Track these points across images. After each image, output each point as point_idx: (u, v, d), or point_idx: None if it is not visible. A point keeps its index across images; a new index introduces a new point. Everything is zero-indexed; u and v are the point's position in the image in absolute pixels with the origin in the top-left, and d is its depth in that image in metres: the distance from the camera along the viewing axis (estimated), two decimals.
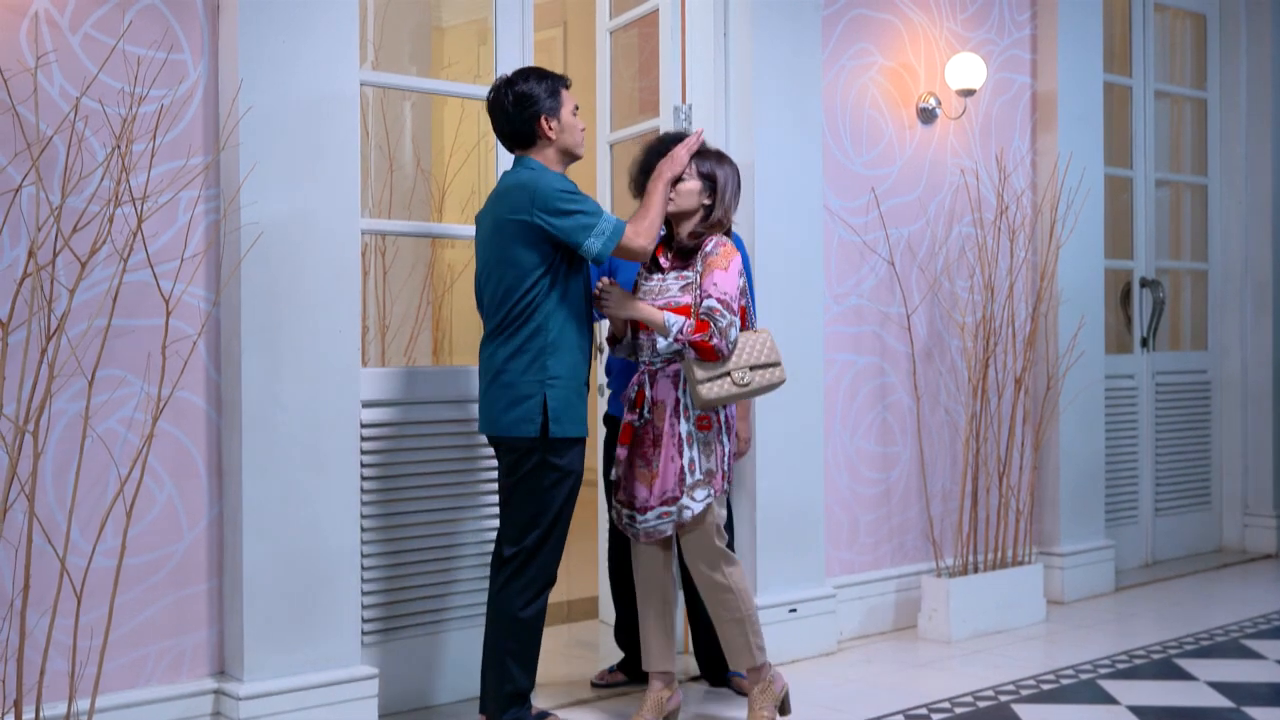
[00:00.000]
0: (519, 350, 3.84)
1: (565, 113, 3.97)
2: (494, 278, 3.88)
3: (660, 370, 4.07)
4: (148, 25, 3.76)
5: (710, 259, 4.02)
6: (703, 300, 3.97)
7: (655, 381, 4.07)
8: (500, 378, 3.87)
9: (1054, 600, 6.09)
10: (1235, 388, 7.55)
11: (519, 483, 3.88)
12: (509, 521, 3.93)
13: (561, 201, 3.80)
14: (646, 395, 4.07)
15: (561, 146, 3.98)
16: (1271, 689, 4.70)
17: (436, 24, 6.74)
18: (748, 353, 4.00)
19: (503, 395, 3.86)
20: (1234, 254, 7.57)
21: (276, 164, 3.86)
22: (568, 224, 3.80)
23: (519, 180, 3.87)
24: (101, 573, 3.59)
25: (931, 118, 5.82)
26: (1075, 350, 6.12)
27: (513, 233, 3.82)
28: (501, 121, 3.96)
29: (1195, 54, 7.60)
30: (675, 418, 4.02)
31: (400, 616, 4.34)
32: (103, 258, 3.60)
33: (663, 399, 4.05)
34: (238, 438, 3.82)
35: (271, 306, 3.86)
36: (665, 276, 4.10)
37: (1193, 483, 7.40)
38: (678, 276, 4.07)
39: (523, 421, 3.83)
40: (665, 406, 4.04)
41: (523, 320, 3.84)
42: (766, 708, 4.13)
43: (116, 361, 3.68)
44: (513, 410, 3.84)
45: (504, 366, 3.85)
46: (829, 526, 5.34)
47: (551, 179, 3.85)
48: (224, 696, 3.83)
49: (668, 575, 4.18)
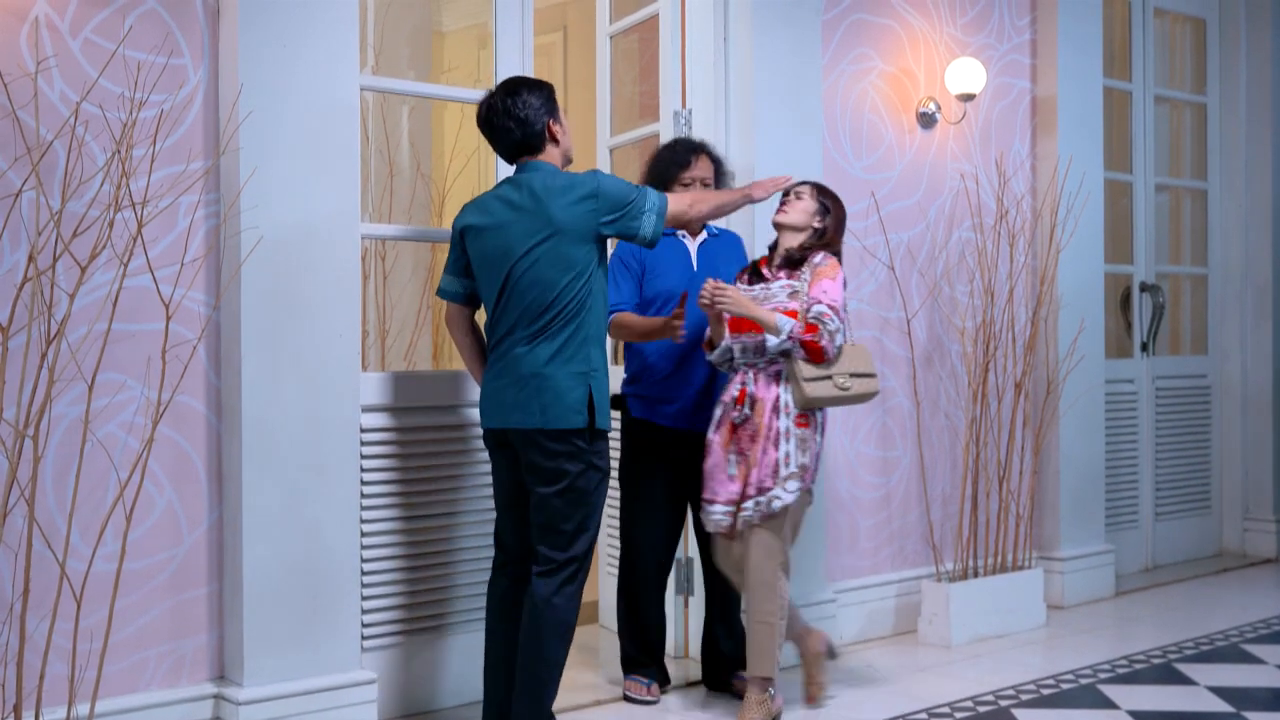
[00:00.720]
0: (565, 345, 3.82)
1: (562, 115, 3.99)
2: (539, 278, 3.80)
3: (762, 370, 4.30)
4: (148, 30, 3.76)
5: (819, 269, 4.32)
6: (811, 305, 4.25)
7: (757, 380, 4.29)
8: (542, 374, 3.80)
9: (1054, 605, 6.09)
10: (1235, 392, 7.55)
11: (566, 490, 3.82)
12: (554, 529, 3.84)
13: (624, 195, 3.88)
14: (749, 393, 4.28)
15: (564, 149, 3.99)
16: (1272, 694, 4.70)
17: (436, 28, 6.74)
18: (849, 360, 4.30)
19: (546, 388, 3.80)
20: (1234, 258, 7.58)
21: (277, 169, 3.86)
22: (628, 219, 3.87)
23: (571, 181, 3.84)
24: (101, 577, 3.59)
25: (931, 122, 5.82)
26: (1075, 355, 6.12)
27: (576, 234, 3.80)
28: (510, 133, 3.90)
29: (1195, 59, 7.60)
30: (775, 414, 4.25)
31: (400, 621, 4.34)
32: (103, 262, 3.60)
33: (764, 396, 4.27)
34: (238, 442, 3.83)
35: (272, 311, 3.86)
36: (770, 285, 4.36)
37: (1193, 487, 7.40)
38: (785, 285, 4.34)
39: (571, 413, 3.79)
40: (766, 403, 4.26)
41: (570, 316, 3.81)
42: (758, 716, 4.23)
43: (116, 366, 3.68)
44: (559, 403, 3.79)
45: (547, 363, 3.81)
46: (829, 531, 5.34)
47: (606, 177, 3.89)
48: (224, 701, 3.83)
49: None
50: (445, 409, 4.44)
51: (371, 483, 4.25)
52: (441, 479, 4.43)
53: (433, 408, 4.41)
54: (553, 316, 3.81)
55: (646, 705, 4.57)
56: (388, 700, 4.28)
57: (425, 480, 4.39)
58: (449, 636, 4.45)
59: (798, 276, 4.34)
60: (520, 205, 3.85)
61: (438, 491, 4.42)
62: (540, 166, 3.92)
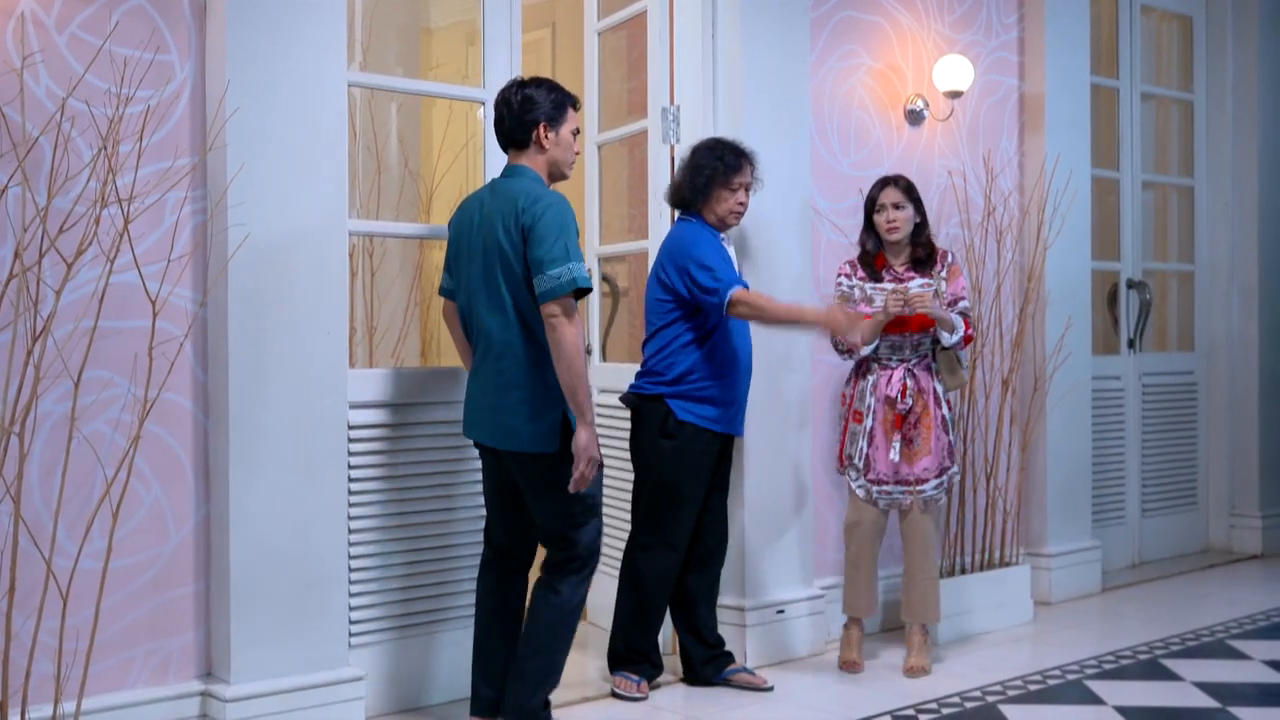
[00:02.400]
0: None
1: (565, 130, 3.98)
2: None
3: (915, 364, 4.87)
4: (134, 26, 3.75)
5: (953, 267, 4.94)
6: (958, 301, 4.89)
7: (914, 374, 4.85)
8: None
9: (1041, 601, 6.10)
10: (1221, 389, 7.57)
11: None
12: (555, 531, 3.93)
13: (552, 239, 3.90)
14: (909, 386, 4.81)
15: (551, 160, 3.98)
16: (1257, 689, 4.72)
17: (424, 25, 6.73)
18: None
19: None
20: (1220, 255, 7.60)
21: (264, 165, 3.85)
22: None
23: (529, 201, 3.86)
24: (87, 575, 3.58)
25: (919, 119, 5.83)
26: (1062, 351, 6.13)
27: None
28: (502, 118, 3.96)
29: (1181, 56, 7.62)
30: (935, 404, 4.86)
31: (388, 618, 4.33)
32: (89, 259, 3.59)
33: (926, 387, 4.86)
34: (225, 439, 3.82)
35: (259, 308, 3.85)
36: (909, 285, 4.83)
37: (1179, 483, 7.43)
38: (924, 285, 4.85)
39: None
40: (928, 394, 4.86)
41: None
42: (926, 659, 4.93)
43: (103, 363, 3.67)
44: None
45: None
46: (817, 527, 5.34)
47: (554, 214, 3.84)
48: (211, 699, 3.82)
49: (882, 540, 5.02)
50: (433, 405, 4.44)
51: (360, 480, 4.24)
52: (430, 475, 4.42)
53: (421, 404, 4.41)
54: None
55: (636, 702, 4.57)
56: (377, 697, 4.28)
57: (414, 477, 4.39)
58: (439, 633, 4.44)
59: (930, 275, 4.88)
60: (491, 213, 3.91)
61: (426, 488, 4.41)
62: (519, 170, 3.95)
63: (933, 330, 4.84)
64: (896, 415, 4.83)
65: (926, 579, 4.94)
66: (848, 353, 4.86)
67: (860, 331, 4.70)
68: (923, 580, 4.94)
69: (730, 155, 4.59)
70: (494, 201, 3.90)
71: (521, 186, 3.87)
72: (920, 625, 4.99)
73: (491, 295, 3.86)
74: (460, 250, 4.01)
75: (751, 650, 4.98)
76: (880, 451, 4.86)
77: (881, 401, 4.84)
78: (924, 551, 4.92)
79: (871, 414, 4.87)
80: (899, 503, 4.88)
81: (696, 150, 4.66)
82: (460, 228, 4.02)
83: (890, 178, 4.95)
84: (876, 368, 4.88)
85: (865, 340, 4.78)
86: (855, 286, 4.89)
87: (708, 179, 4.57)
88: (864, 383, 4.90)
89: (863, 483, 4.90)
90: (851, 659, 4.94)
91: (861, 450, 4.89)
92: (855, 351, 4.83)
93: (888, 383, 4.84)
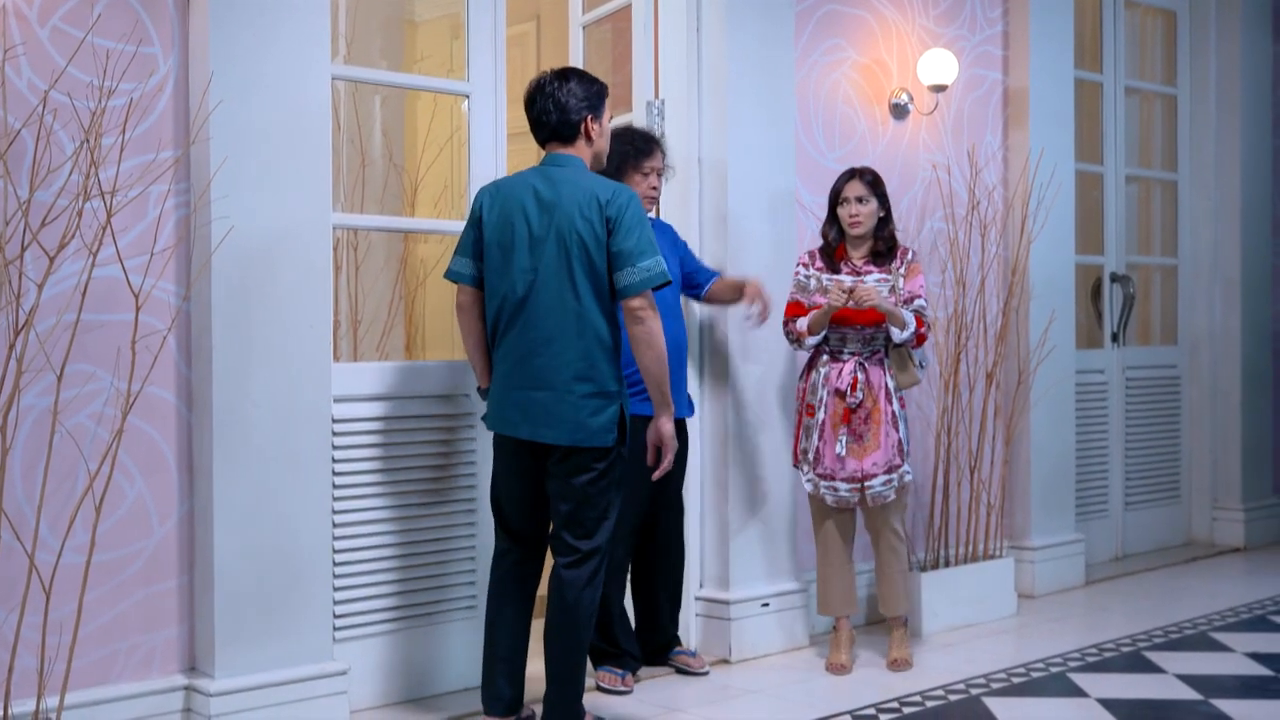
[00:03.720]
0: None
1: (605, 119, 4.01)
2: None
3: (868, 358, 4.81)
4: (117, 18, 3.74)
5: (912, 264, 4.88)
6: (913, 299, 4.81)
7: (866, 367, 4.79)
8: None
9: (1025, 594, 6.12)
10: (1204, 382, 7.60)
11: (598, 478, 3.87)
12: (579, 518, 3.88)
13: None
14: (860, 380, 4.75)
15: (597, 151, 4.00)
16: (1239, 681, 4.74)
17: (409, 18, 6.71)
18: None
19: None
20: (1203, 249, 7.62)
21: (248, 158, 3.84)
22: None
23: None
24: (70, 569, 3.57)
25: (904, 113, 5.83)
26: (1046, 345, 6.15)
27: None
28: (548, 113, 3.92)
29: (1165, 50, 7.64)
30: (886, 399, 4.79)
31: (376, 611, 4.33)
32: (71, 252, 3.57)
33: (876, 382, 4.79)
34: (208, 433, 3.81)
35: (243, 301, 3.84)
36: (864, 278, 4.82)
37: (1162, 477, 7.45)
38: (880, 279, 4.83)
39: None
40: (879, 389, 4.79)
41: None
42: (907, 651, 4.94)
43: (86, 356, 3.66)
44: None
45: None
46: (801, 521, 5.35)
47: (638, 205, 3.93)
48: (195, 693, 3.82)
49: (852, 536, 4.97)
50: (418, 399, 4.43)
51: (344, 474, 4.23)
52: (415, 469, 4.42)
53: (406, 398, 4.40)
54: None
55: (622, 695, 4.57)
56: (365, 690, 4.27)
57: (399, 470, 4.38)
58: (426, 626, 4.44)
59: (888, 270, 4.83)
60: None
61: (412, 482, 4.41)
62: (563, 160, 3.93)
63: (884, 325, 4.77)
64: (845, 409, 4.78)
65: (896, 572, 4.95)
66: (796, 341, 4.84)
67: (807, 321, 4.73)
68: (892, 573, 4.95)
69: (640, 140, 4.70)
70: (560, 189, 3.84)
71: (588, 177, 3.88)
72: (898, 618, 4.99)
73: (565, 285, 3.79)
74: (507, 237, 3.87)
75: (736, 643, 4.99)
76: (829, 446, 4.81)
77: (832, 394, 4.80)
78: (889, 545, 4.93)
79: (824, 407, 4.82)
80: (846, 500, 4.82)
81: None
82: (508, 215, 3.88)
83: (856, 170, 4.91)
84: (828, 359, 4.84)
85: (812, 330, 4.77)
86: (812, 277, 4.87)
87: (619, 163, 4.61)
88: (816, 375, 4.85)
89: (811, 477, 4.85)
90: (839, 661, 4.87)
91: (814, 444, 4.84)
92: (803, 340, 4.80)
93: (838, 375, 4.80)
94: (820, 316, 4.75)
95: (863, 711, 4.37)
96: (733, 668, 4.93)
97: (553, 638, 3.88)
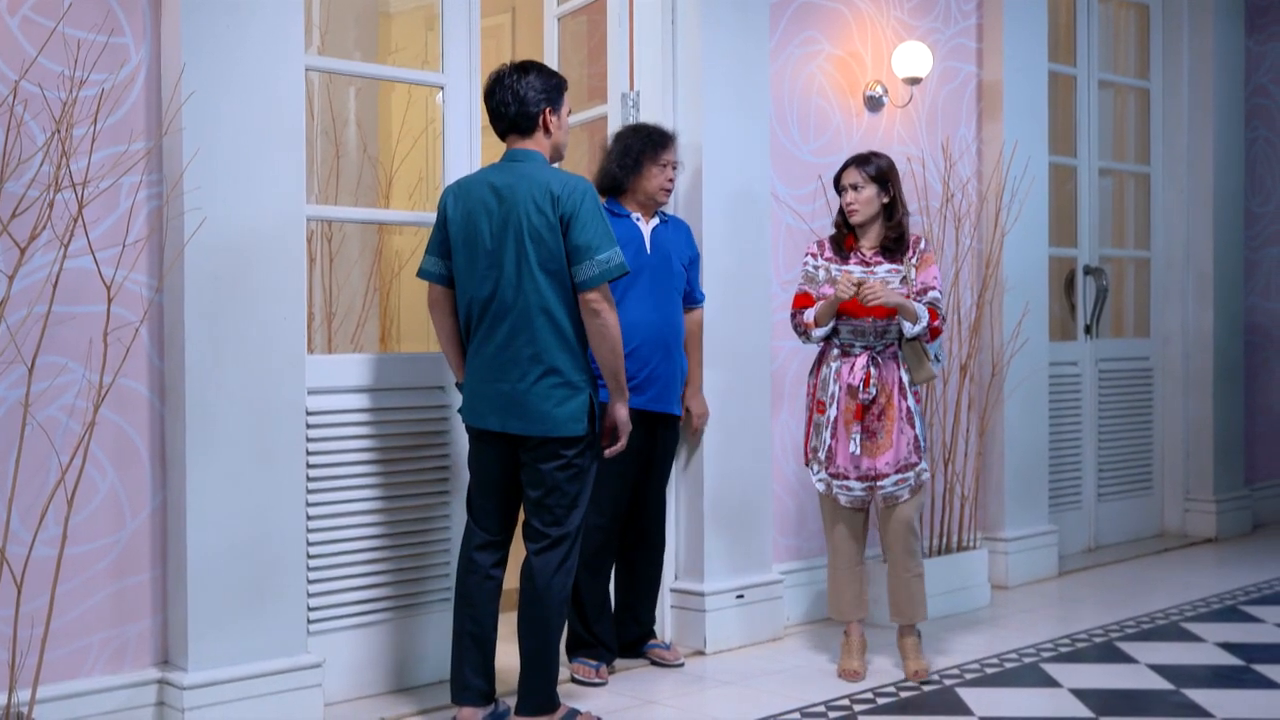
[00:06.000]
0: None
1: (564, 112, 4.06)
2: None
3: (880, 352, 4.62)
4: (87, 8, 3.71)
5: (925, 255, 4.69)
6: (927, 291, 4.63)
7: (879, 362, 4.61)
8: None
9: (998, 585, 6.15)
10: (1177, 374, 7.64)
11: (566, 466, 3.91)
12: (548, 505, 3.92)
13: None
14: (873, 375, 4.58)
15: (555, 143, 4.05)
16: (1210, 671, 4.77)
17: (383, 9, 6.68)
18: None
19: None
20: (1176, 242, 7.66)
21: (221, 149, 3.82)
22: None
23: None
24: (42, 562, 3.55)
25: (878, 106, 5.84)
26: (1020, 337, 6.17)
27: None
28: (506, 105, 3.96)
29: (1138, 44, 7.67)
30: (900, 395, 4.61)
31: (347, 604, 4.32)
32: (42, 243, 3.55)
33: (889, 377, 4.61)
34: (181, 425, 3.79)
35: (215, 293, 3.82)
36: (875, 270, 4.64)
37: (1135, 468, 7.49)
38: (891, 270, 4.65)
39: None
40: (892, 384, 4.62)
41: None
42: (924, 662, 4.70)
43: (57, 349, 3.64)
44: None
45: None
46: (776, 513, 5.36)
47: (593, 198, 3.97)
48: (168, 686, 3.80)
49: (864, 537, 4.78)
50: (392, 391, 4.42)
51: (318, 466, 4.22)
52: (390, 461, 4.41)
53: (380, 390, 4.39)
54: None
55: (595, 687, 4.58)
56: (340, 682, 4.26)
57: (373, 463, 4.37)
58: (401, 619, 4.43)
59: (900, 260, 4.66)
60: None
61: (386, 474, 4.40)
62: (527, 155, 3.96)
63: (896, 318, 4.60)
64: (858, 405, 4.59)
65: (912, 577, 4.70)
66: (803, 333, 4.68)
67: (814, 312, 4.63)
68: (907, 579, 4.71)
69: (656, 134, 4.78)
70: (516, 184, 3.88)
71: (545, 170, 3.92)
72: (911, 625, 4.75)
73: (527, 279, 3.83)
74: (470, 235, 3.92)
75: (711, 635, 5.00)
76: (841, 444, 4.63)
77: (844, 390, 4.63)
78: (904, 549, 4.69)
79: (835, 404, 4.64)
80: (860, 500, 4.66)
81: (621, 134, 4.84)
82: (470, 213, 3.93)
83: (856, 157, 4.75)
84: (839, 354, 4.66)
85: (819, 321, 4.62)
86: (821, 267, 4.71)
87: (638, 156, 4.71)
88: (827, 370, 4.68)
89: (823, 476, 4.68)
90: (852, 668, 4.68)
91: (825, 442, 4.65)
92: (810, 332, 4.65)
93: (850, 370, 4.62)
94: (826, 308, 4.59)
95: (838, 702, 4.38)
96: (707, 659, 4.94)
97: (524, 626, 3.93)
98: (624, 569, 4.87)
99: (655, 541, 4.90)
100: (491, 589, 4.03)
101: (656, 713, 4.34)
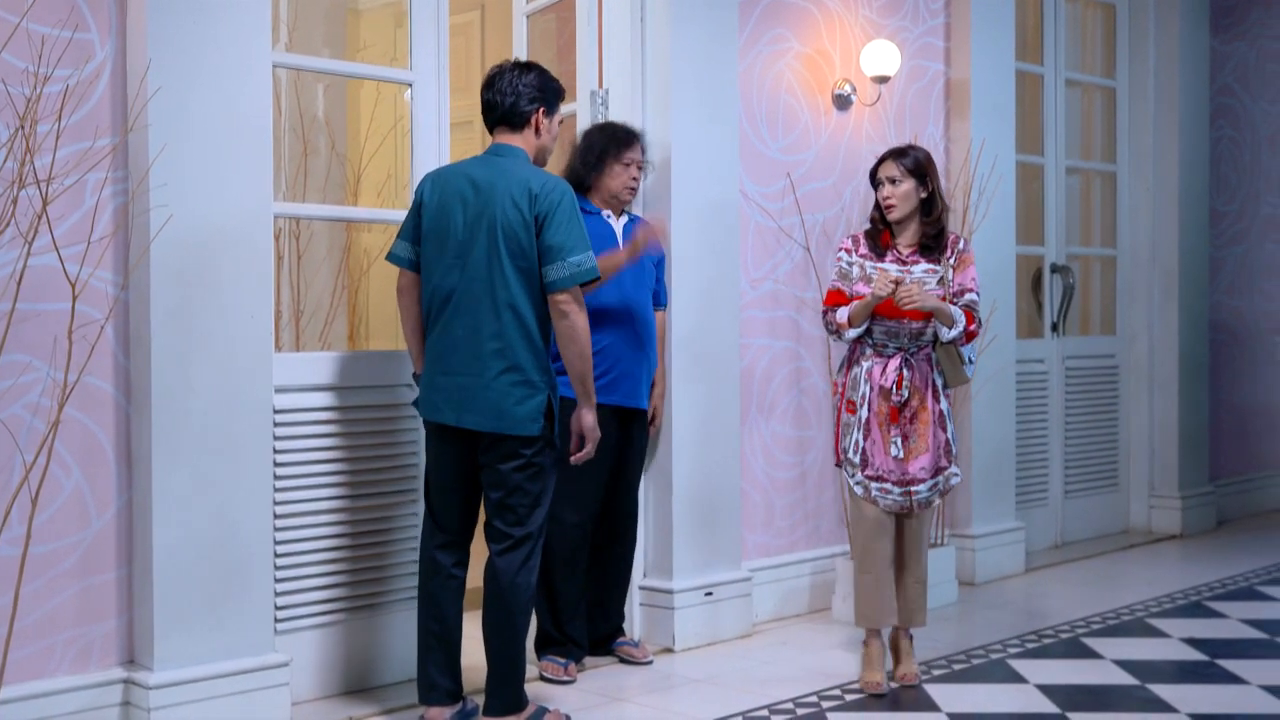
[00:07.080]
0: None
1: (555, 120, 4.08)
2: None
3: (914, 354, 4.49)
4: (53, 3, 3.68)
5: (964, 255, 4.54)
6: (964, 293, 4.50)
7: (912, 364, 4.48)
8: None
9: (965, 581, 6.18)
10: (1142, 372, 7.69)
11: (526, 465, 3.90)
12: (510, 506, 3.90)
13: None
14: (905, 377, 4.46)
15: (541, 146, 4.06)
16: (1175, 666, 4.81)
17: (351, 6, 6.65)
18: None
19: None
20: (1142, 240, 7.71)
21: (187, 146, 3.80)
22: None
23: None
24: (6, 562, 3.53)
25: (847, 104, 5.86)
26: (987, 335, 6.19)
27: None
28: (501, 96, 3.97)
29: (1105, 43, 7.72)
30: (934, 398, 4.51)
31: (314, 604, 4.30)
32: (6, 240, 3.52)
33: (922, 380, 4.49)
34: (147, 424, 3.77)
35: (182, 290, 3.80)
36: (912, 270, 4.49)
37: (1101, 465, 7.54)
38: (928, 270, 4.50)
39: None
40: (925, 387, 4.50)
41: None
42: (916, 666, 4.63)
43: (21, 346, 3.61)
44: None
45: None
46: (745, 510, 5.37)
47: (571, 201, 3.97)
48: (134, 686, 3.78)
49: (894, 541, 4.59)
50: (361, 389, 4.41)
51: (285, 464, 4.20)
52: (358, 460, 4.39)
53: (348, 388, 4.38)
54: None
55: (564, 685, 4.57)
56: (308, 681, 4.25)
57: (342, 460, 4.35)
58: (369, 617, 4.42)
59: (938, 260, 4.52)
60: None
61: (355, 472, 4.38)
62: (509, 150, 3.97)
63: (932, 322, 4.47)
64: (892, 408, 4.46)
65: (917, 583, 4.61)
66: (835, 333, 4.54)
67: (848, 311, 4.49)
68: (913, 584, 4.61)
69: (622, 132, 4.78)
70: (495, 178, 3.87)
71: (526, 168, 3.92)
72: (907, 630, 4.65)
73: (496, 273, 3.82)
74: (442, 225, 3.91)
75: (680, 632, 5.00)
76: (878, 446, 4.48)
77: (876, 392, 4.49)
78: (916, 555, 4.60)
79: (866, 405, 4.50)
80: (898, 504, 4.48)
81: (588, 132, 4.86)
82: (446, 203, 3.92)
83: (895, 149, 4.59)
84: (871, 354, 4.52)
85: (853, 322, 4.47)
86: (855, 264, 4.55)
87: (600, 153, 4.72)
88: (857, 369, 4.54)
89: (860, 479, 4.50)
90: (874, 679, 4.49)
91: (857, 444, 4.50)
92: (842, 332, 4.52)
93: (882, 372, 4.48)
94: (862, 309, 4.44)
95: (806, 699, 4.39)
96: (676, 656, 4.95)
97: (489, 627, 3.93)
98: (595, 564, 4.87)
99: (627, 537, 4.90)
100: (455, 588, 4.02)
101: (625, 710, 4.35)
